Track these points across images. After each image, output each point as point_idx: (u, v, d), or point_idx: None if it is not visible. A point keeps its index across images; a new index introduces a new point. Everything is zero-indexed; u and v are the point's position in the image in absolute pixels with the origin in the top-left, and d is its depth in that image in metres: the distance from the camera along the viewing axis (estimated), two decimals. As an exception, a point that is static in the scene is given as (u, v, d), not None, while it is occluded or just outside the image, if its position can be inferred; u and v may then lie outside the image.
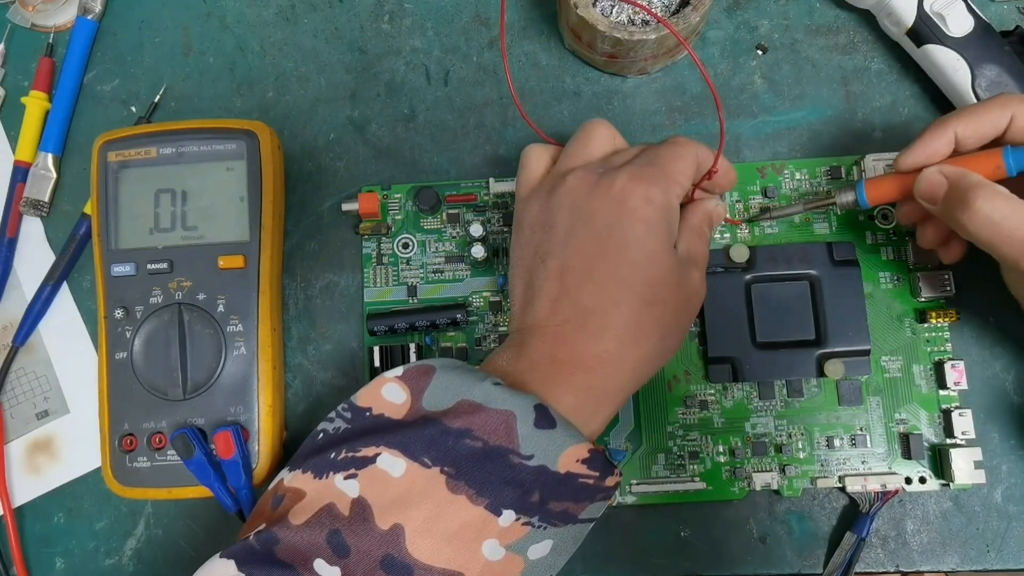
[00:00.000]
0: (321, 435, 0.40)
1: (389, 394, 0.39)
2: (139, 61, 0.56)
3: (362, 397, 0.40)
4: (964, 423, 0.48)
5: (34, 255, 0.54)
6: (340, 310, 0.52)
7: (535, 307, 0.42)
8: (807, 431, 0.49)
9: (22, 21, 0.57)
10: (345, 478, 0.37)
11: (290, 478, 0.39)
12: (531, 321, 0.42)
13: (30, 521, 0.52)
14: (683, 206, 0.44)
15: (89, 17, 0.56)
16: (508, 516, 0.36)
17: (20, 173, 0.55)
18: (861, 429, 0.49)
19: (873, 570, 0.49)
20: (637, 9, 0.51)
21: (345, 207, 0.52)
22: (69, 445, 0.52)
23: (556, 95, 0.54)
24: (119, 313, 0.49)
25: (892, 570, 0.49)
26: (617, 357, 0.40)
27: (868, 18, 0.54)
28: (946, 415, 0.49)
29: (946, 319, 0.49)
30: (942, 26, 0.49)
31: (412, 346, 0.49)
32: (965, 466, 0.47)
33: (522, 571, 0.37)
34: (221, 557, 0.37)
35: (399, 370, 0.40)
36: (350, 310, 0.52)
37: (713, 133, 0.53)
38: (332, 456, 0.38)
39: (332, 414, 0.40)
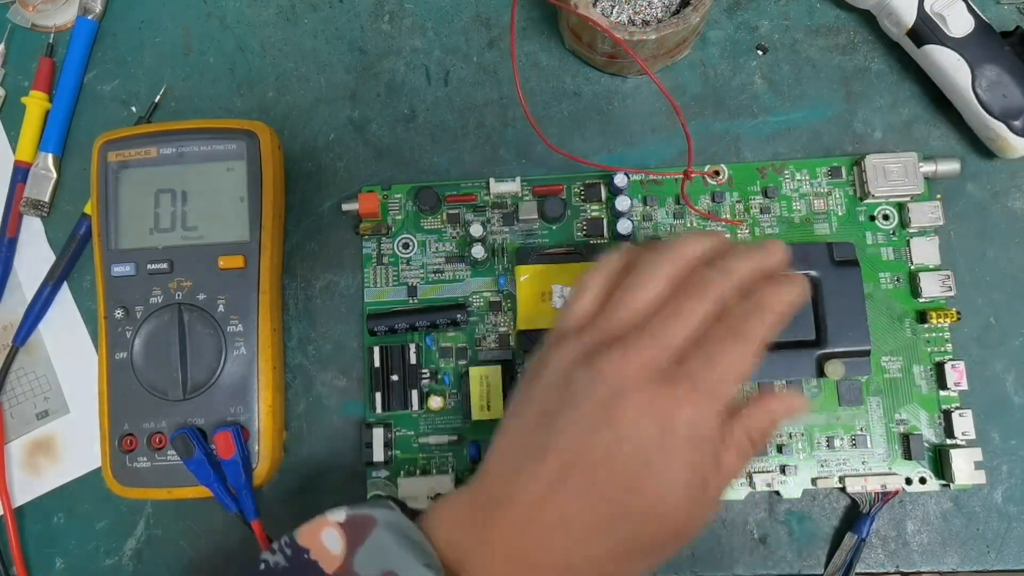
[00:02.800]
0: (262, 566, 0.38)
1: (328, 540, 0.37)
2: (139, 61, 0.56)
3: (304, 534, 0.38)
4: (964, 423, 0.48)
5: (34, 255, 0.54)
6: (340, 310, 0.52)
7: (519, 485, 0.36)
8: (807, 431, 0.49)
9: (22, 21, 0.57)
10: None
11: None
12: (508, 495, 0.36)
13: (30, 521, 0.52)
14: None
15: (89, 17, 0.56)
16: None
17: (20, 173, 0.55)
18: (861, 429, 0.49)
19: (873, 570, 0.49)
20: (637, 9, 0.51)
21: (345, 207, 0.52)
22: (69, 445, 0.52)
23: (556, 95, 0.54)
24: (119, 313, 0.49)
25: (892, 570, 0.49)
26: None
27: (868, 18, 0.54)
28: (946, 415, 0.49)
29: (946, 319, 0.49)
30: (942, 26, 0.49)
31: (412, 346, 0.49)
32: (965, 467, 0.47)
33: None
34: None
35: (342, 514, 0.38)
36: (350, 310, 0.52)
37: (714, 133, 0.53)
38: None
39: (276, 544, 0.38)
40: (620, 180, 0.50)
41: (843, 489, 0.48)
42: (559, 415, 0.36)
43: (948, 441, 0.48)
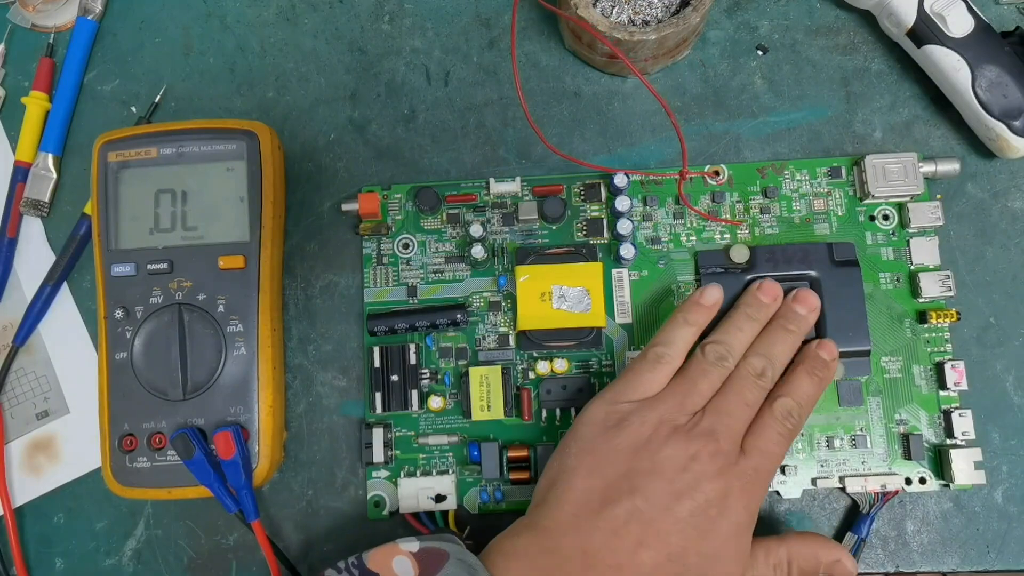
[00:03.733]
0: None
1: (400, 568, 0.39)
2: (139, 61, 0.56)
3: (373, 559, 0.40)
4: (964, 424, 0.48)
5: (34, 255, 0.54)
6: (340, 310, 0.52)
7: (597, 541, 0.40)
8: (807, 431, 0.49)
9: (22, 21, 0.57)
10: None
11: None
12: (587, 551, 0.40)
13: (30, 521, 0.52)
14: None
15: (89, 17, 0.56)
16: None
17: (20, 173, 0.55)
18: (861, 430, 0.49)
19: (873, 570, 0.49)
20: (637, 9, 0.51)
21: (345, 207, 0.52)
22: (69, 445, 0.52)
23: (556, 95, 0.54)
24: (119, 313, 0.49)
25: (892, 570, 0.49)
26: None
27: (868, 19, 0.54)
28: (946, 416, 0.49)
29: (946, 319, 0.49)
30: (942, 26, 0.49)
31: (412, 346, 0.49)
32: (965, 467, 0.47)
33: None
34: None
35: (415, 544, 0.40)
36: (350, 310, 0.52)
37: (714, 133, 0.53)
38: None
39: (342, 564, 0.40)
40: (620, 180, 0.50)
41: (843, 489, 0.48)
42: (648, 481, 0.40)
43: (948, 441, 0.48)
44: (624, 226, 0.49)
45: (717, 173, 0.52)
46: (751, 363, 0.44)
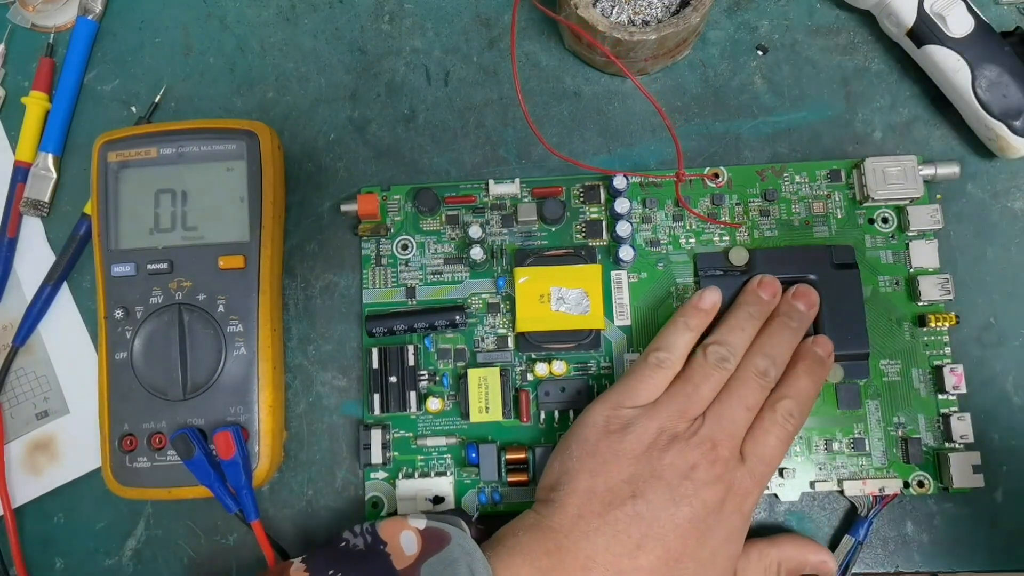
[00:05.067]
0: (343, 543, 0.42)
1: (405, 541, 0.41)
2: (139, 61, 0.56)
3: (384, 529, 0.41)
4: (963, 427, 0.48)
5: (34, 255, 0.54)
6: (340, 310, 0.52)
7: (599, 545, 0.40)
8: (806, 435, 0.49)
9: (22, 21, 0.57)
10: None
11: (297, 567, 0.41)
12: (589, 555, 0.40)
13: (30, 521, 0.52)
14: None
15: (89, 17, 0.56)
16: None
17: (20, 173, 0.55)
18: (860, 433, 0.49)
19: (873, 570, 0.49)
20: (637, 9, 0.51)
21: (344, 208, 0.52)
22: (69, 445, 0.52)
23: (556, 95, 0.54)
24: (119, 313, 0.49)
25: (892, 571, 0.49)
26: None
27: (868, 19, 0.54)
28: (945, 419, 0.48)
29: (945, 323, 0.49)
30: (942, 26, 0.49)
31: (410, 348, 0.49)
32: (963, 471, 0.47)
33: None
34: None
35: (422, 522, 0.41)
36: (350, 310, 0.52)
37: (714, 134, 0.53)
38: (331, 573, 0.40)
39: (358, 528, 0.42)
40: (619, 182, 0.50)
41: (841, 492, 0.48)
42: (649, 486, 0.41)
43: (947, 445, 0.48)
44: (623, 228, 0.49)
45: (716, 175, 0.52)
46: (755, 363, 0.44)
